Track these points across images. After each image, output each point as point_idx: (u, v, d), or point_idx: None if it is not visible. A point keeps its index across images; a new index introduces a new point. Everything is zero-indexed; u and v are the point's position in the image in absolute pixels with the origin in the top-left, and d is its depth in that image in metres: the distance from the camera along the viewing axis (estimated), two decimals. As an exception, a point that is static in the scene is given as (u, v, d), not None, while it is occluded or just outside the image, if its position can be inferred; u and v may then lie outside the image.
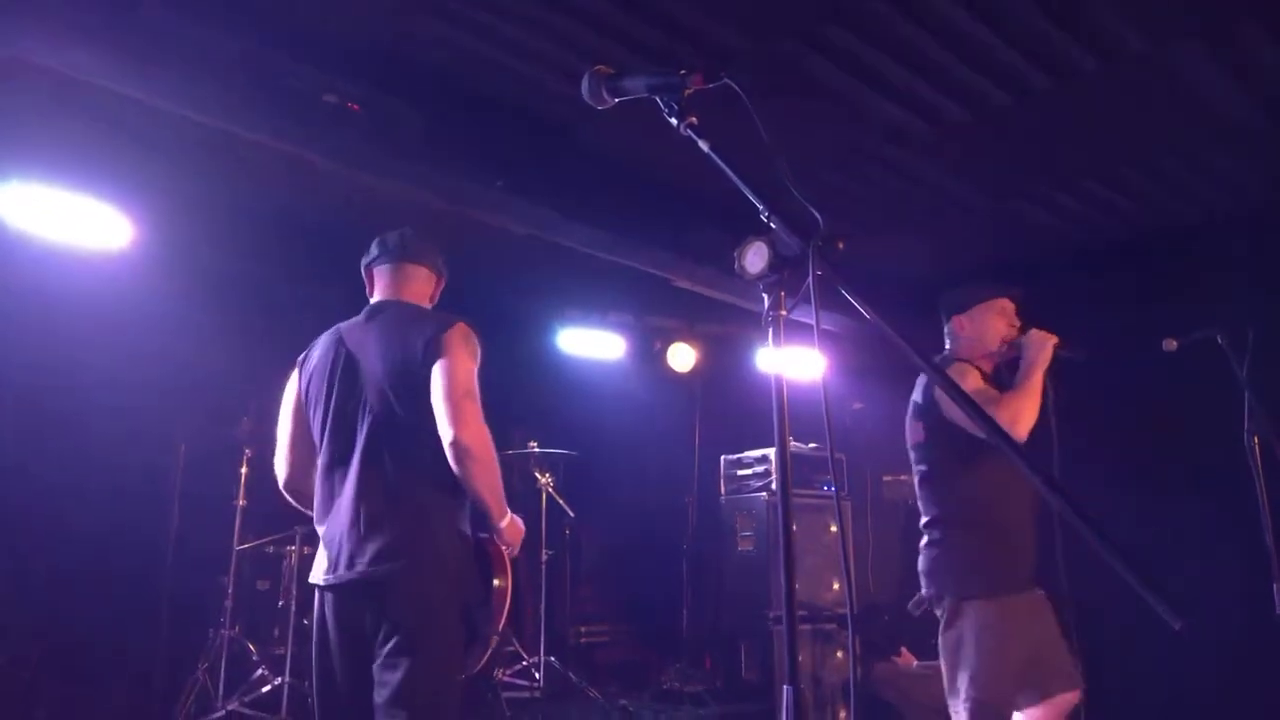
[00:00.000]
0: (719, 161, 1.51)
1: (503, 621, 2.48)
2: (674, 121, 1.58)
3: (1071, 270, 5.92)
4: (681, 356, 6.86)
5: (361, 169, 4.42)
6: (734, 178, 1.48)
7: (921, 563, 3.14)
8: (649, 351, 6.94)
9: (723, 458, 6.19)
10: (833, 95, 4.20)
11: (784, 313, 1.41)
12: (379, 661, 2.30)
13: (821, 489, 5.67)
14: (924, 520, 3.16)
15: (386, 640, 2.30)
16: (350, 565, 2.35)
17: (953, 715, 2.96)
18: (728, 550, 5.91)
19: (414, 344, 2.49)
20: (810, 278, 1.34)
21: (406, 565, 2.31)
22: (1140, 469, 5.17)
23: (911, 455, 3.23)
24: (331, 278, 5.63)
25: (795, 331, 1.47)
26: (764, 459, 5.90)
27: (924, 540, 3.14)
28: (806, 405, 1.58)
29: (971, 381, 3.02)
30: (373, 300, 2.78)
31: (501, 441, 6.04)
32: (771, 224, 1.42)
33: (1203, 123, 4.44)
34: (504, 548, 2.58)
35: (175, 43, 3.55)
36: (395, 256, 2.77)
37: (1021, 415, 2.86)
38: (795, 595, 1.29)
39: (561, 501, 5.85)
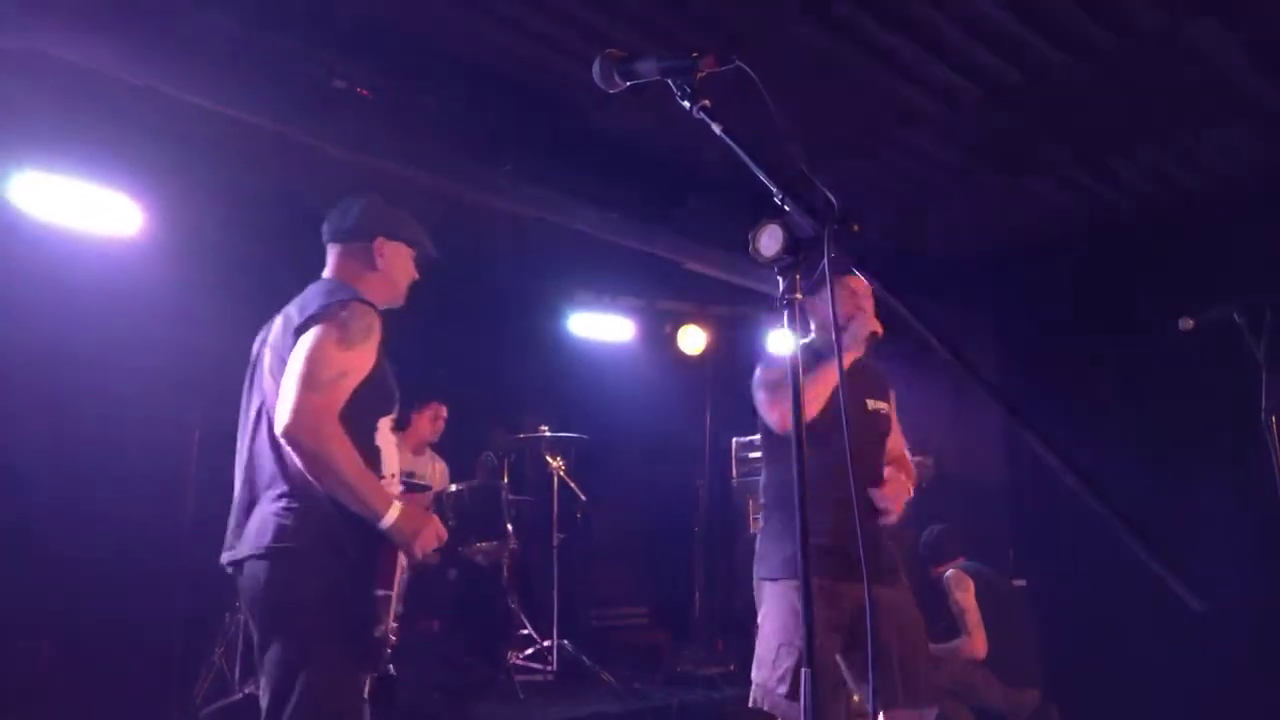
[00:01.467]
0: (732, 144, 1.50)
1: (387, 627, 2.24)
2: (687, 105, 1.57)
3: (1088, 249, 5.89)
4: (692, 339, 6.85)
5: (371, 154, 4.42)
6: (747, 160, 1.47)
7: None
8: (659, 334, 6.94)
9: (734, 440, 6.19)
10: (846, 76, 4.17)
11: (799, 296, 1.40)
12: None
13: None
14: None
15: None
16: (228, 547, 2.28)
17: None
18: (739, 532, 5.92)
19: (292, 321, 2.32)
20: (825, 260, 1.33)
21: (261, 557, 2.17)
22: (1157, 448, 5.16)
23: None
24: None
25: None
26: (776, 441, 5.89)
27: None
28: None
29: (772, 376, 3.08)
30: None
31: (513, 426, 6.11)
32: (786, 206, 1.41)
33: (1220, 98, 4.40)
34: (402, 551, 2.26)
35: (185, 30, 3.55)
36: (325, 239, 2.62)
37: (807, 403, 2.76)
38: (811, 579, 1.29)
39: (573, 485, 5.86)
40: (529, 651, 5.41)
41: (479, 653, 4.47)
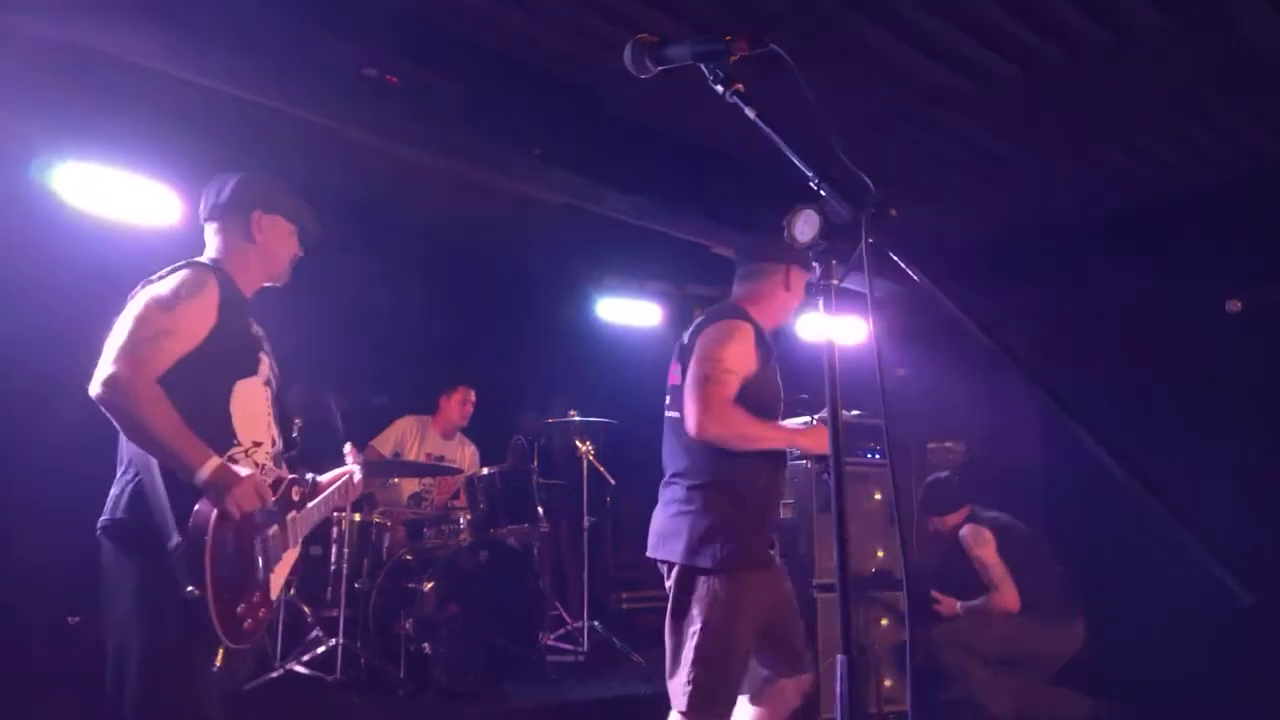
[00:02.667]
0: (765, 128, 1.50)
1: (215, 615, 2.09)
2: (719, 89, 1.56)
3: (1126, 231, 5.80)
4: (721, 324, 6.83)
5: (400, 141, 4.45)
6: (781, 144, 1.47)
7: (656, 520, 2.95)
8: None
9: (763, 425, 6.17)
10: (878, 57, 4.13)
11: (836, 281, 1.40)
12: None
13: (864, 456, 5.65)
14: (669, 473, 2.95)
15: None
16: None
17: (672, 697, 2.79)
18: (769, 517, 5.91)
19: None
20: (863, 245, 1.33)
21: (101, 530, 2.20)
22: (1203, 433, 5.08)
23: (667, 398, 3.09)
24: (372, 248, 5.69)
25: (840, 298, 1.46)
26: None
27: (662, 497, 2.95)
28: (849, 372, 1.58)
29: (740, 347, 2.84)
30: None
31: (542, 410, 6.13)
32: (821, 191, 1.41)
33: (1262, 74, 4.29)
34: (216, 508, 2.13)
35: (218, 21, 3.58)
36: (202, 219, 2.54)
37: (726, 426, 2.72)
38: (849, 563, 1.29)
39: (602, 469, 5.89)
40: (560, 632, 5.46)
41: (511, 633, 4.51)
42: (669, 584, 2.85)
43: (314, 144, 4.42)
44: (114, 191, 4.22)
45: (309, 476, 2.61)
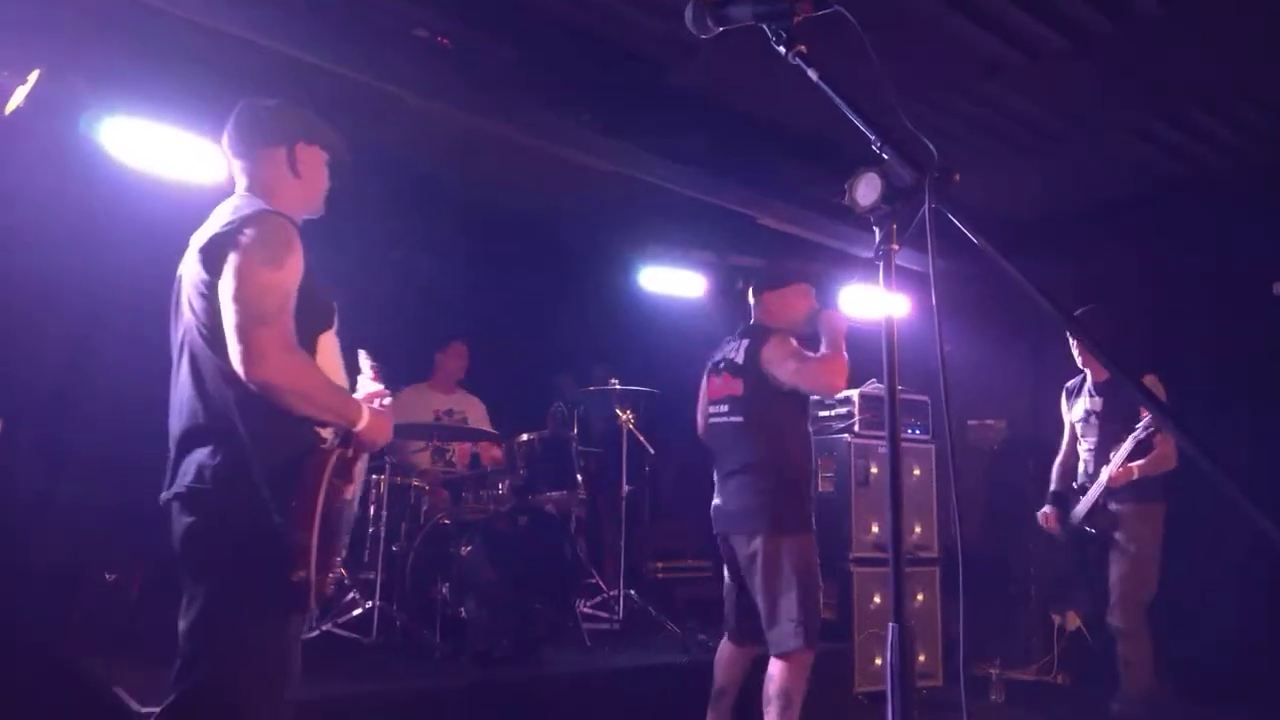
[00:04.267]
0: (829, 91, 1.47)
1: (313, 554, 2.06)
2: (782, 50, 1.53)
3: (1172, 206, 5.67)
4: (764, 296, 6.79)
5: (450, 103, 4.43)
6: (844, 108, 1.44)
7: (733, 502, 3.69)
8: (732, 290, 6.88)
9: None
10: (928, 26, 4.04)
11: (896, 246, 1.37)
12: None
13: (908, 432, 5.59)
14: (737, 466, 3.69)
15: None
16: (165, 486, 2.17)
17: (778, 642, 3.53)
18: (808, 491, 5.89)
19: (198, 245, 2.17)
20: (926, 209, 1.30)
21: (181, 498, 2.11)
22: (1251, 413, 4.97)
23: (724, 406, 3.81)
24: (415, 211, 5.71)
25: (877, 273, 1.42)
26: (846, 400, 5.83)
27: (733, 483, 3.70)
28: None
29: (791, 346, 3.61)
30: None
31: (583, 378, 6.14)
32: (884, 155, 1.37)
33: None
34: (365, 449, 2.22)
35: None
36: (231, 152, 2.39)
37: (838, 374, 3.53)
38: (902, 536, 1.27)
39: (641, 439, 5.89)
40: (596, 600, 5.49)
41: (547, 600, 4.54)
42: (749, 552, 3.59)
43: (363, 104, 4.42)
44: (162, 147, 4.23)
45: None
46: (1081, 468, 4.64)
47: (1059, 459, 4.84)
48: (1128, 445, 4.30)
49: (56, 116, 3.97)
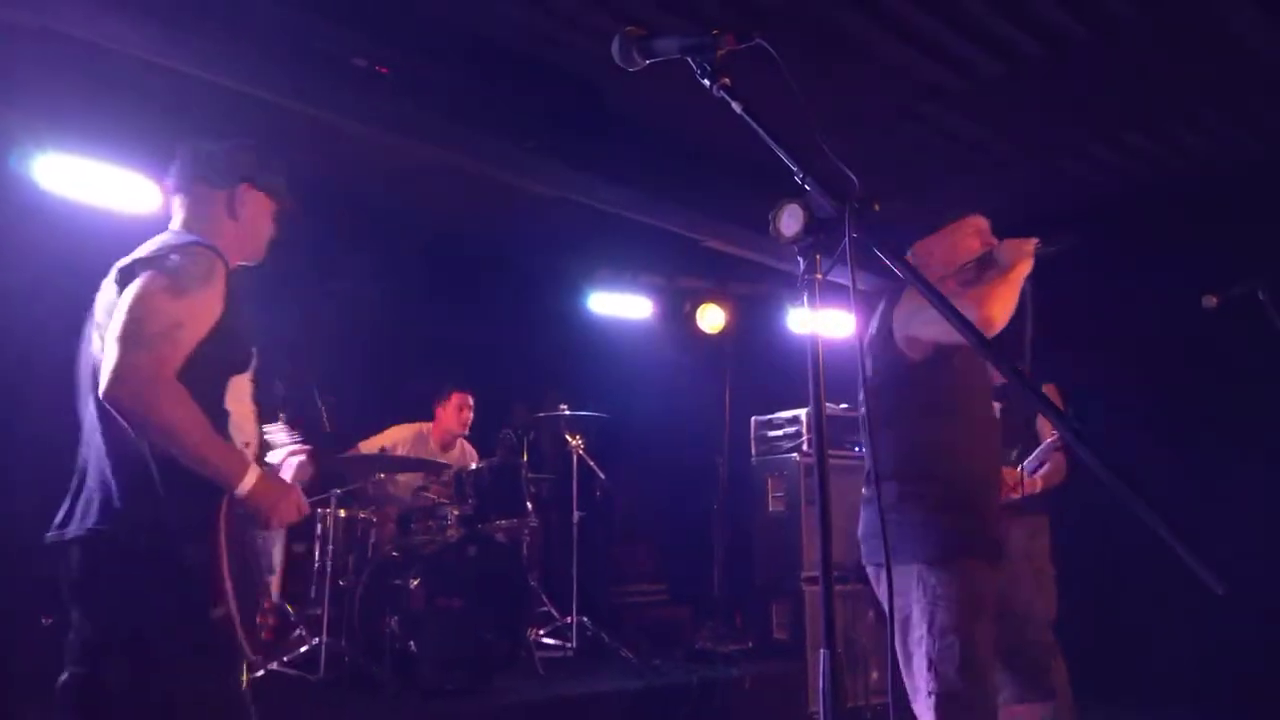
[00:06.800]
0: (752, 123, 1.49)
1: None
2: (707, 83, 1.55)
3: (1108, 224, 5.82)
4: (711, 317, 6.84)
5: (391, 132, 4.42)
6: (767, 139, 1.46)
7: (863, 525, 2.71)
8: (679, 312, 6.92)
9: (753, 419, 6.18)
10: (868, 52, 4.13)
11: (820, 275, 1.40)
12: None
13: (852, 450, 5.65)
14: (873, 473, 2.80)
15: None
16: (56, 526, 2.05)
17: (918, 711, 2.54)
18: (759, 511, 5.92)
19: (121, 266, 2.07)
20: (846, 240, 1.32)
21: (80, 541, 2.00)
22: (1179, 427, 5.11)
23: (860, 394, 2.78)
24: (360, 239, 5.67)
25: (828, 291, 1.45)
26: (795, 420, 5.88)
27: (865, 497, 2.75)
28: (836, 365, 1.57)
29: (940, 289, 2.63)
30: None
31: (533, 404, 6.11)
32: (806, 186, 1.40)
33: (1245, 72, 4.34)
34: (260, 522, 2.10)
35: (203, 8, 3.55)
36: (174, 188, 2.31)
37: (989, 304, 2.42)
38: (831, 556, 1.29)
39: (592, 464, 5.88)
40: (549, 628, 5.45)
41: (499, 629, 4.50)
42: (879, 591, 2.69)
43: (301, 134, 4.40)
44: (94, 180, 4.18)
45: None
46: None
47: None
48: (1037, 456, 4.30)
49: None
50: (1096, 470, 1.10)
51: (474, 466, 4.99)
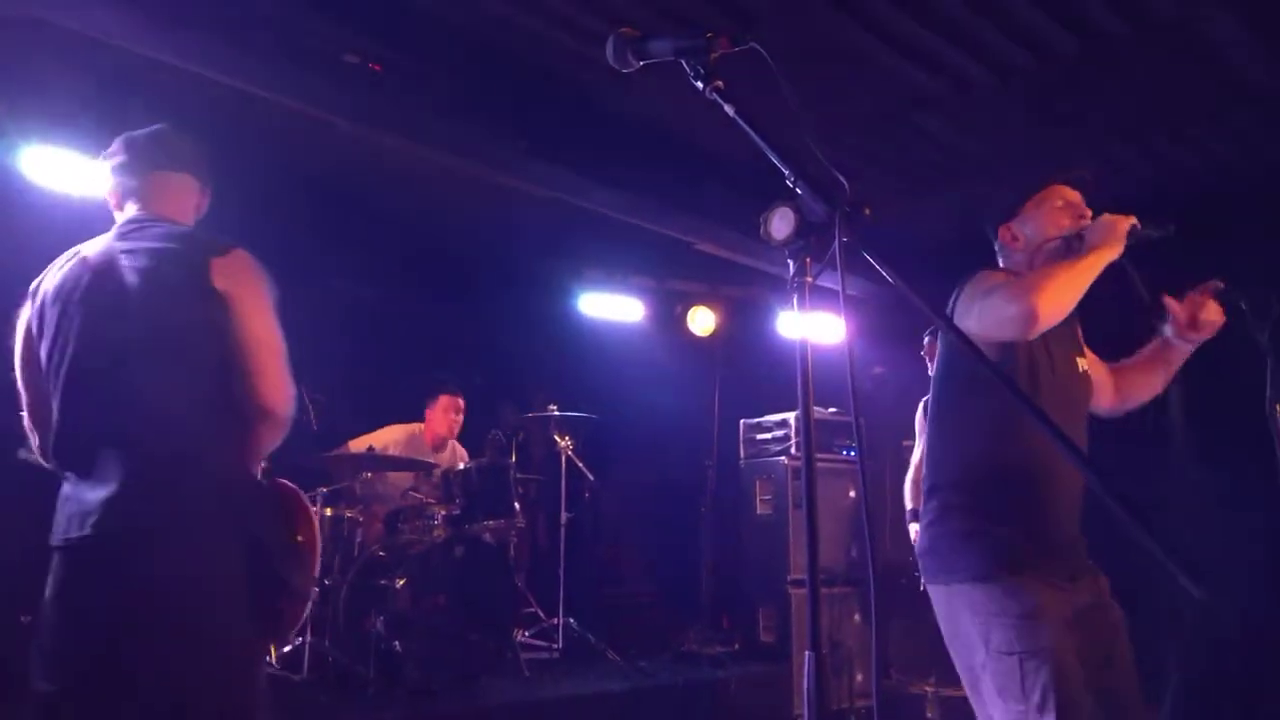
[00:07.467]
0: (744, 126, 1.49)
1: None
2: (700, 85, 1.56)
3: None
4: (702, 320, 6.85)
5: (383, 129, 4.41)
6: (759, 142, 1.47)
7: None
8: (670, 315, 6.93)
9: (742, 422, 6.19)
10: (859, 59, 4.14)
11: (810, 279, 1.40)
12: None
13: (840, 454, 5.67)
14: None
15: None
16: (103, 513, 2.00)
17: None
18: (746, 514, 5.93)
19: (179, 274, 2.11)
20: (836, 244, 1.33)
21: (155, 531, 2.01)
22: (1159, 435, 5.13)
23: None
24: (349, 237, 5.65)
25: (818, 296, 1.45)
26: (784, 423, 5.90)
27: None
28: (827, 369, 1.58)
29: (994, 278, 2.31)
30: (121, 216, 2.32)
31: (522, 404, 6.10)
32: (797, 190, 1.40)
33: (1231, 89, 4.37)
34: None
35: (194, 1, 3.53)
36: (146, 164, 2.31)
37: (1038, 293, 2.09)
38: (818, 559, 1.29)
39: (581, 465, 5.88)
40: (535, 629, 5.45)
41: (485, 630, 4.50)
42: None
43: (292, 129, 4.39)
44: (80, 172, 4.15)
45: None
46: None
47: (910, 475, 4.91)
48: None
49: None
50: (1079, 470, 1.10)
51: (461, 467, 4.98)
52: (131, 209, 2.28)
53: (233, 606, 1.95)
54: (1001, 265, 2.56)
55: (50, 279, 2.22)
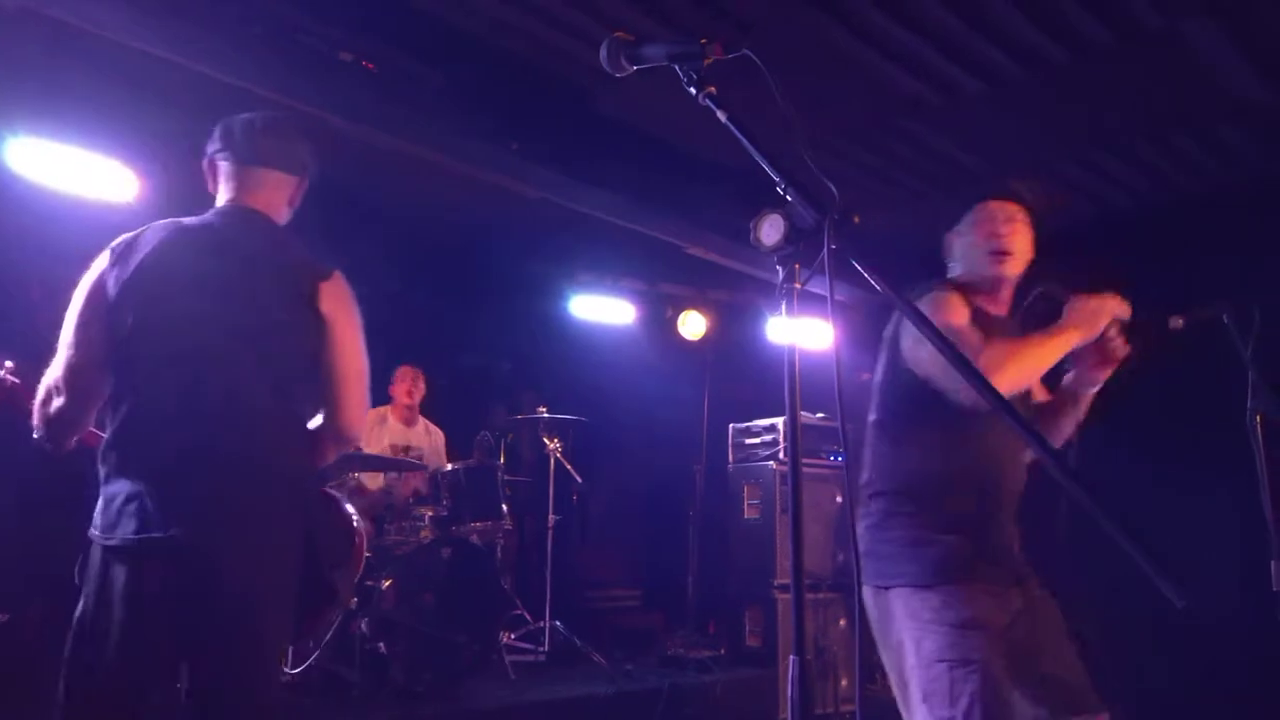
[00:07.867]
0: (736, 132, 1.50)
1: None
2: (693, 91, 1.56)
3: (1077, 244, 5.89)
4: (692, 324, 6.86)
5: (375, 127, 4.40)
6: (751, 149, 1.47)
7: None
8: (660, 318, 6.94)
9: (731, 426, 6.20)
10: (851, 66, 4.16)
11: (799, 285, 1.41)
12: None
13: (828, 459, 5.68)
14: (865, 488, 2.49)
15: None
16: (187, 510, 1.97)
17: None
18: (734, 518, 5.94)
19: (286, 289, 2.18)
20: (825, 251, 1.33)
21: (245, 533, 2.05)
22: (1141, 446, 5.16)
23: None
24: (339, 240, 5.63)
25: (807, 302, 1.46)
26: (772, 428, 5.90)
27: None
28: (814, 375, 1.58)
29: (950, 314, 2.33)
30: (220, 202, 2.30)
31: (511, 406, 6.09)
32: (788, 196, 1.41)
33: (1214, 98, 4.42)
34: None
35: (190, -2, 3.53)
36: (242, 156, 2.28)
37: (1002, 365, 2.10)
38: (802, 564, 1.30)
39: (569, 467, 5.87)
40: (521, 632, 5.44)
41: (471, 632, 4.49)
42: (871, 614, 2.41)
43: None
44: (69, 167, 4.14)
45: None
46: None
47: None
48: None
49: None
50: (1059, 479, 1.11)
51: (449, 468, 4.97)
52: (226, 195, 2.29)
53: (286, 612, 2.04)
54: (949, 275, 2.69)
55: (144, 244, 2.12)
